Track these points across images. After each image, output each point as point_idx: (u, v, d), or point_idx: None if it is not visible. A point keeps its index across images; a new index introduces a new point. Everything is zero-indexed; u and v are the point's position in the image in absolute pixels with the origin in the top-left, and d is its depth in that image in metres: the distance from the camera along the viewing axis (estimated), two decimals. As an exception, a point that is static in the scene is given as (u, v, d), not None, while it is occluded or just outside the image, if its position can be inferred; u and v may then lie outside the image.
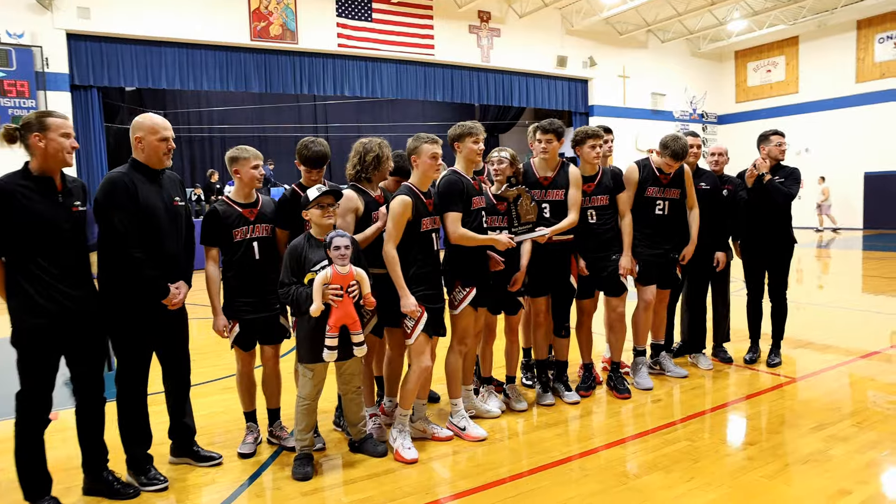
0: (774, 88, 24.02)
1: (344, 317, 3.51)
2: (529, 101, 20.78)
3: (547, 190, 4.61)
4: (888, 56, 21.01)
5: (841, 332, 6.99)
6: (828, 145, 21.94)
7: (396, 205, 3.64)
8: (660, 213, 5.03)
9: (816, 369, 5.58)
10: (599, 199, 4.79)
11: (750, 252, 5.71)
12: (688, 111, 24.26)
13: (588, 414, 4.59)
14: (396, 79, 18.17)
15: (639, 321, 5.22)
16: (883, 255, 14.53)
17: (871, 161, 21.19)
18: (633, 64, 22.68)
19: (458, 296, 4.08)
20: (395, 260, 3.65)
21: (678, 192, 5.08)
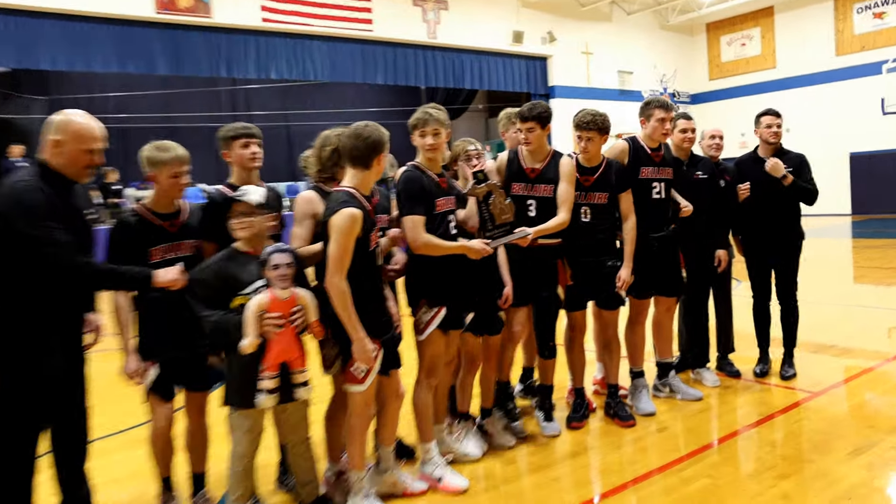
0: (750, 64, 24.42)
1: (285, 351, 3.15)
2: (482, 82, 20.57)
3: (534, 184, 4.35)
4: (868, 27, 21.58)
5: (856, 334, 6.90)
6: (810, 125, 22.37)
7: (342, 220, 3.15)
8: (657, 196, 4.81)
9: (838, 380, 5.43)
10: (598, 196, 4.52)
11: (754, 249, 5.55)
12: (658, 90, 24.42)
13: (585, 450, 4.29)
14: (330, 59, 17.69)
15: (634, 338, 4.99)
16: (877, 244, 14.79)
17: (856, 140, 21.70)
18: (597, 39, 22.71)
19: (425, 317, 3.78)
20: (346, 294, 3.16)
21: (671, 172, 4.89)
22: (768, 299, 5.59)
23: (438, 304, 3.77)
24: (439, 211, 3.77)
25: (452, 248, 3.75)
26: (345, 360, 3.34)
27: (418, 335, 3.80)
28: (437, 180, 3.81)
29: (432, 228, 3.72)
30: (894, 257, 12.47)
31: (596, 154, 4.53)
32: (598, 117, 4.45)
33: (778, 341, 5.60)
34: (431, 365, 3.85)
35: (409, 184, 3.71)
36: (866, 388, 5.24)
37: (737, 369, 5.59)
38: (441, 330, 3.80)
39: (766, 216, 5.40)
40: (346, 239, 3.16)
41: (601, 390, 5.20)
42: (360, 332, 3.20)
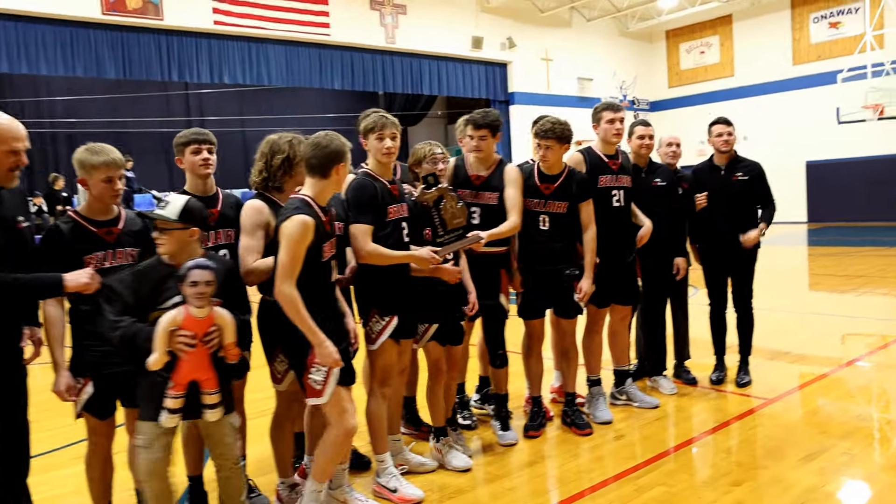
0: (709, 72, 24.94)
1: (195, 371, 3.02)
2: (441, 88, 20.70)
3: (478, 191, 4.40)
4: (824, 37, 22.20)
5: (810, 340, 7.08)
6: (767, 133, 22.89)
7: (294, 227, 3.08)
8: (617, 204, 4.87)
9: (792, 386, 5.56)
10: (558, 205, 4.56)
11: (711, 257, 5.66)
12: (617, 97, 24.77)
13: (542, 459, 4.33)
14: (286, 63, 17.65)
15: (591, 346, 5.06)
16: (832, 251, 15.19)
17: (812, 149, 22.27)
18: (557, 45, 23.00)
19: (376, 327, 3.77)
20: (297, 299, 3.08)
21: (629, 181, 4.96)
22: (724, 307, 5.70)
23: (390, 314, 3.76)
24: (391, 218, 3.76)
25: (400, 257, 3.75)
26: (298, 373, 3.26)
27: (370, 345, 3.78)
28: (388, 187, 3.81)
29: (385, 237, 3.71)
30: (849, 265, 12.81)
31: (556, 162, 4.57)
32: (557, 126, 4.49)
33: (734, 348, 5.72)
34: (384, 375, 3.84)
35: (360, 191, 3.69)
36: (820, 394, 5.38)
37: (693, 376, 5.69)
38: (393, 339, 3.79)
39: (723, 225, 5.51)
40: (296, 246, 3.08)
41: (558, 398, 5.24)
42: (319, 335, 3.11)
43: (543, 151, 4.53)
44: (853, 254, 14.43)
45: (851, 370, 6.02)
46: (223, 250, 3.58)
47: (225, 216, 3.64)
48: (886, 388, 5.56)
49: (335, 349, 3.16)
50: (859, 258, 13.66)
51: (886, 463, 4.05)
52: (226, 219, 3.64)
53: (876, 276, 11.24)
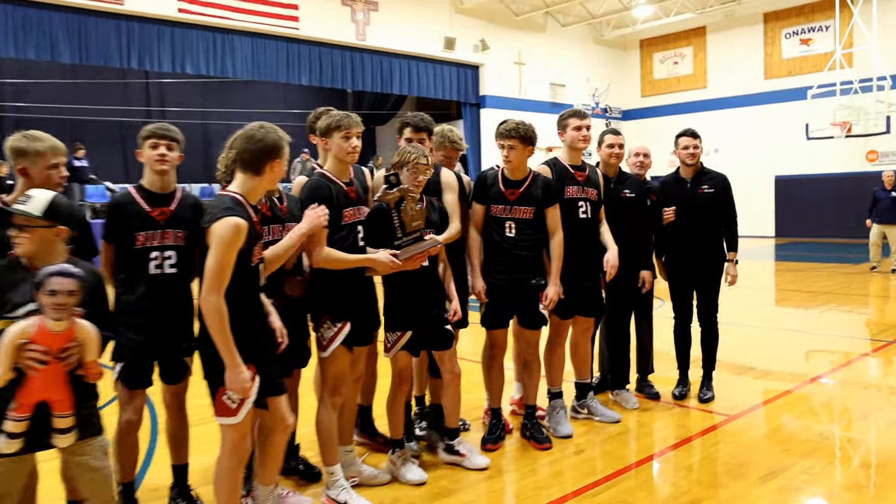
0: (682, 82, 25.25)
1: (45, 391, 2.69)
2: (412, 88, 20.64)
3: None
4: (795, 52, 22.62)
5: (775, 356, 7.13)
6: (738, 146, 23.22)
7: (225, 230, 2.88)
8: (584, 216, 4.84)
9: (756, 402, 5.59)
10: (523, 210, 4.53)
11: (677, 271, 5.67)
12: (590, 105, 24.95)
13: (499, 473, 4.27)
14: (252, 56, 17.45)
15: (553, 358, 5.02)
16: (798, 267, 15.43)
17: (781, 164, 22.65)
18: (530, 49, 23.08)
19: (328, 333, 3.72)
20: (223, 315, 2.87)
21: (596, 194, 4.94)
22: (689, 321, 5.71)
23: (342, 320, 3.71)
24: (347, 222, 3.72)
25: (356, 261, 3.70)
26: (213, 388, 3.04)
27: (321, 352, 3.73)
28: (345, 189, 3.77)
29: (339, 240, 3.67)
30: (815, 280, 13.01)
31: (520, 165, 4.54)
32: (521, 126, 4.47)
33: (698, 363, 5.73)
34: (335, 384, 3.78)
35: (314, 193, 3.65)
36: (783, 410, 5.41)
37: (656, 391, 5.69)
38: (345, 347, 3.74)
39: (689, 239, 5.52)
40: (228, 251, 2.89)
41: (518, 411, 5.21)
42: (235, 359, 2.91)
43: (507, 152, 4.50)
44: (819, 270, 14.67)
45: (815, 387, 6.07)
46: (170, 251, 3.47)
47: (177, 216, 3.52)
48: (849, 405, 5.61)
49: (249, 376, 2.97)
50: (825, 274, 13.88)
51: (847, 482, 4.06)
52: (178, 219, 3.52)
53: (840, 293, 11.43)
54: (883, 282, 12.71)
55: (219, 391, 3.00)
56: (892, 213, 13.51)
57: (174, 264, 3.47)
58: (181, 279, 3.51)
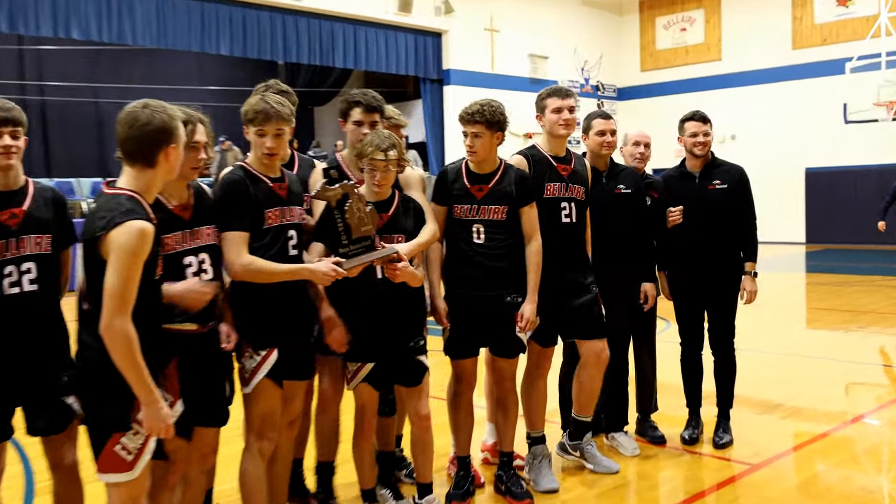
0: (691, 54, 25.61)
1: None
2: (358, 60, 20.69)
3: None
4: (830, 16, 23.04)
5: (804, 392, 7.25)
6: (759, 132, 23.57)
7: (129, 238, 2.87)
8: (567, 220, 4.88)
9: (784, 448, 5.67)
10: (493, 210, 4.55)
11: (684, 285, 5.73)
12: (578, 81, 25.18)
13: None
14: (157, 19, 17.38)
15: (534, 395, 5.04)
16: (834, 280, 15.70)
17: (812, 154, 22.99)
18: (505, 13, 23.26)
19: (250, 364, 3.75)
20: (132, 340, 2.87)
21: (583, 192, 4.98)
22: (700, 347, 5.78)
23: (266, 347, 3.73)
24: (271, 225, 3.75)
25: (287, 272, 3.73)
26: (101, 437, 3.00)
27: (244, 387, 3.75)
28: (270, 185, 3.80)
29: (261, 248, 3.70)
30: (854, 297, 13.27)
31: (487, 156, 4.57)
32: (486, 107, 4.48)
33: (712, 399, 5.79)
34: (262, 425, 3.79)
35: (230, 189, 3.70)
36: (818, 458, 5.49)
37: (661, 434, 5.74)
38: (272, 380, 3.75)
39: (697, 246, 5.58)
40: (133, 263, 2.89)
41: (492, 459, 5.23)
42: (153, 393, 2.93)
43: (470, 140, 4.55)
44: (860, 283, 14.89)
45: (857, 428, 6.17)
46: (28, 263, 3.41)
47: (34, 218, 3.47)
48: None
49: (169, 413, 3.00)
50: (866, 289, 14.12)
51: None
52: (36, 221, 3.46)
53: (887, 312, 11.64)
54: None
55: (110, 439, 2.96)
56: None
57: (35, 279, 3.42)
58: (46, 297, 3.46)
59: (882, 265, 17.87)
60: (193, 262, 3.48)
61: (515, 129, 21.89)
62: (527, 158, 4.89)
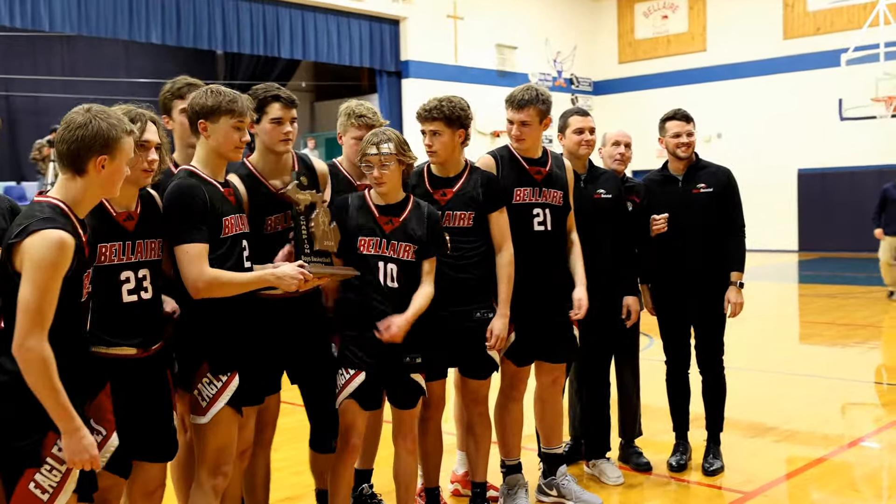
0: (673, 44, 25.92)
1: None
2: (307, 50, 20.69)
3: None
4: (825, 3, 23.44)
5: (800, 412, 7.38)
6: (747, 130, 23.86)
7: (44, 249, 2.85)
8: (540, 227, 4.95)
9: (777, 475, 5.76)
10: (459, 216, 4.64)
11: (668, 299, 5.83)
12: (550, 74, 25.37)
13: (437, 578, 4.36)
14: (79, 2, 17.22)
15: (509, 419, 5.09)
16: (830, 291, 15.92)
17: (805, 154, 23.32)
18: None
19: (208, 391, 3.74)
20: (49, 362, 2.85)
21: (560, 196, 5.03)
22: (687, 366, 5.86)
23: (228, 370, 3.74)
24: (228, 234, 3.77)
25: (253, 280, 3.77)
26: (13, 474, 2.94)
27: (199, 416, 3.73)
28: (222, 191, 3.81)
29: (220, 258, 3.71)
30: (852, 309, 13.49)
31: (449, 157, 4.65)
32: (445, 102, 4.57)
33: (700, 422, 5.89)
34: (218, 460, 3.78)
35: (183, 197, 3.65)
36: (814, 485, 5.59)
37: (646, 460, 5.81)
38: (233, 408, 3.77)
39: (682, 256, 5.68)
40: (49, 277, 2.86)
41: (463, 490, 5.29)
42: (75, 421, 2.90)
43: (429, 139, 4.65)
44: (858, 295, 15.06)
45: (855, 453, 6.30)
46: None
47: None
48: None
49: (93, 443, 2.98)
50: (866, 301, 14.33)
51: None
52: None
53: (887, 326, 11.84)
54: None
55: (24, 476, 2.95)
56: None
57: None
58: None
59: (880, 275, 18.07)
60: (132, 277, 3.43)
61: (482, 128, 22.04)
62: (495, 159, 4.96)
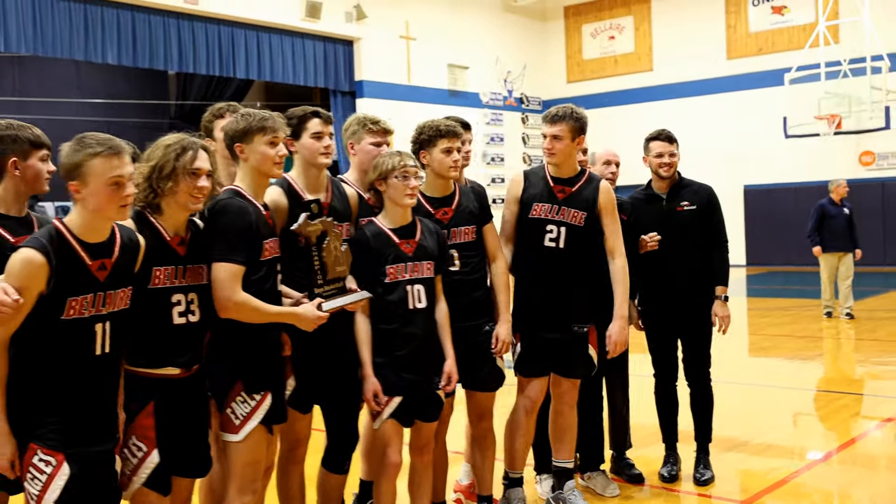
0: (621, 63, 26.28)
1: None
2: (262, 70, 20.62)
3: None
4: (766, 24, 23.99)
5: (777, 424, 7.56)
6: (695, 147, 24.12)
7: (18, 263, 3.08)
8: (551, 244, 5.01)
9: (767, 484, 5.86)
10: (463, 231, 4.72)
11: (655, 313, 5.96)
12: (501, 94, 25.58)
13: None
14: (34, 22, 16.97)
15: (516, 432, 5.14)
16: (778, 305, 16.23)
17: (751, 171, 23.74)
18: (422, 19, 23.54)
19: (242, 410, 3.76)
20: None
21: (582, 217, 5.07)
22: (675, 379, 5.99)
23: (263, 390, 3.77)
24: (266, 258, 3.82)
25: (277, 314, 3.82)
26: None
27: (232, 434, 3.75)
28: (264, 214, 3.88)
29: (258, 282, 3.76)
30: (808, 321, 13.80)
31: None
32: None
33: (687, 436, 6.01)
34: (248, 476, 3.80)
35: (231, 215, 3.70)
36: (804, 496, 5.73)
37: (639, 472, 5.91)
38: (265, 426, 3.79)
39: (668, 271, 5.80)
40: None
41: (465, 501, 5.36)
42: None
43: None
44: (812, 308, 15.08)
45: (833, 464, 6.48)
46: None
47: None
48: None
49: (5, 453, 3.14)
50: (810, 315, 14.56)
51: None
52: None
53: (823, 337, 12.14)
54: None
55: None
56: (846, 237, 13.58)
57: None
58: None
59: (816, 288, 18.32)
60: (182, 300, 3.55)
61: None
62: (524, 175, 5.13)
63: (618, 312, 5.01)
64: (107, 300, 3.25)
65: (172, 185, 3.46)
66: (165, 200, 3.51)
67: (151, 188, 3.48)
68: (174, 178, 3.46)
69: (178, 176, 3.46)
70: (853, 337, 12.53)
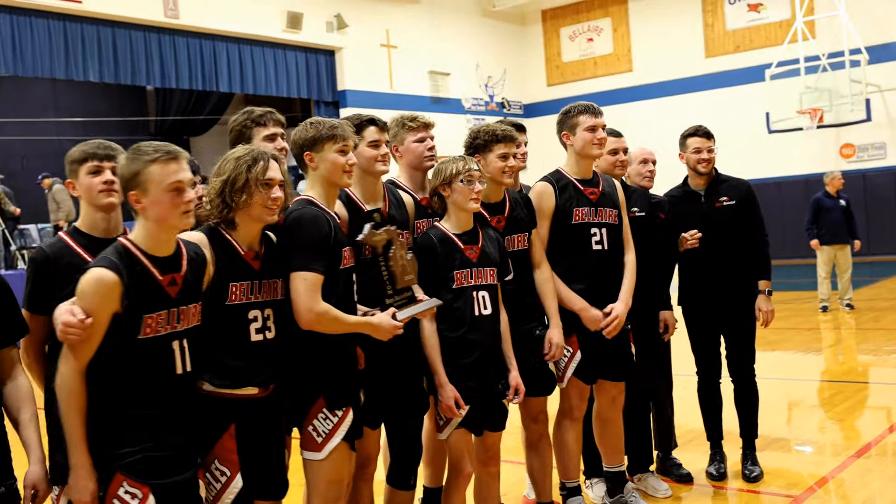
0: (600, 65, 26.36)
1: None
2: (244, 83, 20.60)
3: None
4: (742, 22, 24.12)
5: (807, 417, 7.57)
6: (676, 145, 24.31)
7: (89, 285, 3.02)
8: (598, 247, 4.98)
9: (814, 480, 5.82)
10: (518, 239, 4.70)
11: (697, 310, 5.91)
12: (482, 99, 25.58)
13: None
14: (13, 41, 16.92)
15: (567, 441, 5.08)
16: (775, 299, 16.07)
17: (736, 166, 23.59)
18: (402, 28, 23.54)
19: (324, 427, 3.71)
20: (73, 395, 3.04)
21: (615, 215, 5.07)
22: (718, 376, 5.94)
23: (345, 406, 3.72)
24: (344, 266, 3.79)
25: (354, 325, 3.77)
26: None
27: (314, 452, 3.70)
28: (338, 222, 3.84)
29: (336, 291, 3.72)
30: (809, 314, 13.86)
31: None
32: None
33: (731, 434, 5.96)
34: (332, 495, 3.75)
35: (308, 225, 3.66)
36: (858, 488, 5.70)
37: (687, 471, 5.85)
38: (347, 442, 3.74)
39: (709, 268, 5.76)
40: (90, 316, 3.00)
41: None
42: (81, 457, 3.03)
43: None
44: (807, 300, 15.28)
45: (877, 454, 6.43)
46: None
47: None
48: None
49: (93, 489, 3.05)
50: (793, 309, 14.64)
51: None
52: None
53: (808, 328, 12.10)
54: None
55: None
56: (843, 229, 13.70)
57: None
58: None
59: (810, 280, 18.41)
60: (259, 316, 3.51)
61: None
62: (551, 184, 4.99)
63: (626, 297, 4.99)
64: (181, 316, 3.19)
65: (246, 198, 3.40)
66: (239, 214, 3.45)
67: (225, 203, 3.42)
68: (248, 191, 3.40)
69: (252, 188, 3.40)
70: (856, 327, 12.59)
